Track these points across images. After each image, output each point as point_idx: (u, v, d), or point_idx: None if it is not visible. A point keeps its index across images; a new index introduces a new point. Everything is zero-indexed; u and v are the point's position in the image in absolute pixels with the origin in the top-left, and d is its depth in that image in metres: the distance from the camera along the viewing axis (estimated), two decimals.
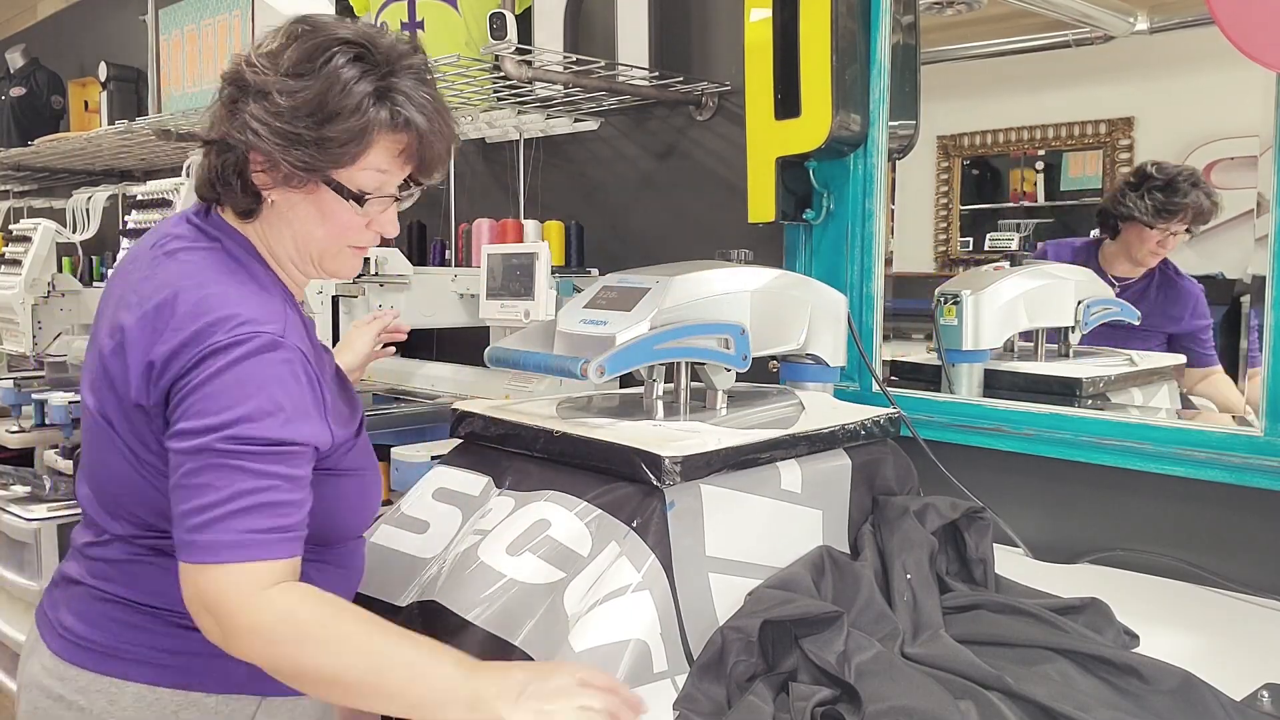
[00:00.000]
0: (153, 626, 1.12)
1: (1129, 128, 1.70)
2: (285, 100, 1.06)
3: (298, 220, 1.13)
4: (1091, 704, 1.08)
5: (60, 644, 1.15)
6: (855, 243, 1.83)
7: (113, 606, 1.13)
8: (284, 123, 1.06)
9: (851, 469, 1.41)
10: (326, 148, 1.07)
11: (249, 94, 1.09)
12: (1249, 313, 1.49)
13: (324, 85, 1.06)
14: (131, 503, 1.11)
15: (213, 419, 0.99)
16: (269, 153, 1.07)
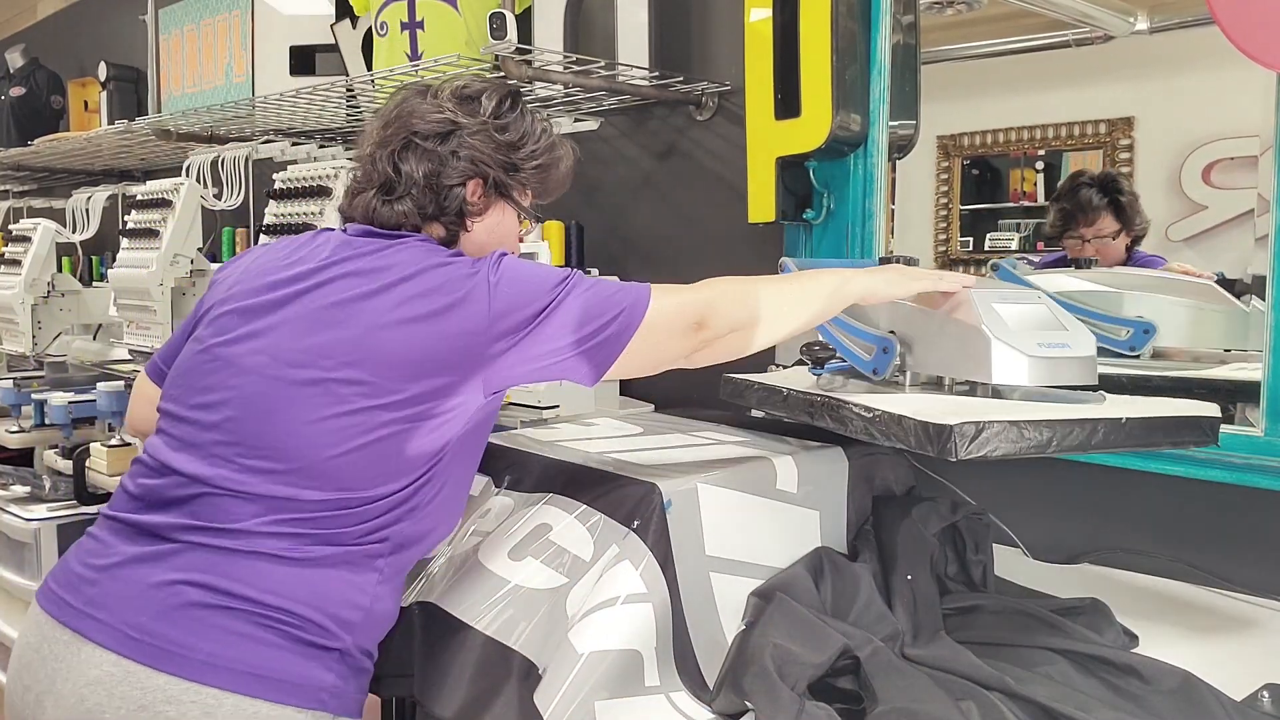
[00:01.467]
0: (257, 634, 1.10)
1: (1129, 128, 1.70)
2: (501, 134, 1.31)
3: (476, 241, 1.31)
4: (1092, 704, 1.08)
5: (137, 648, 1.09)
6: (855, 243, 1.83)
7: (217, 612, 1.10)
8: (500, 152, 1.31)
9: (849, 469, 1.42)
10: (531, 171, 1.34)
11: (462, 132, 1.29)
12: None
13: (533, 127, 1.36)
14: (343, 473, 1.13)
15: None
16: (490, 174, 1.31)
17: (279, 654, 1.10)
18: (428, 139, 1.28)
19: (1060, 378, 1.26)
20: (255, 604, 1.10)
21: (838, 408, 1.30)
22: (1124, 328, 1.58)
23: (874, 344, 1.39)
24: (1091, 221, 1.72)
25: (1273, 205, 1.39)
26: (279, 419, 1.15)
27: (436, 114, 1.29)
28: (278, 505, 1.13)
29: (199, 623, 1.09)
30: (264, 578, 1.11)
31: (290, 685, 1.10)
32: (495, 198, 1.33)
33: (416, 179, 1.27)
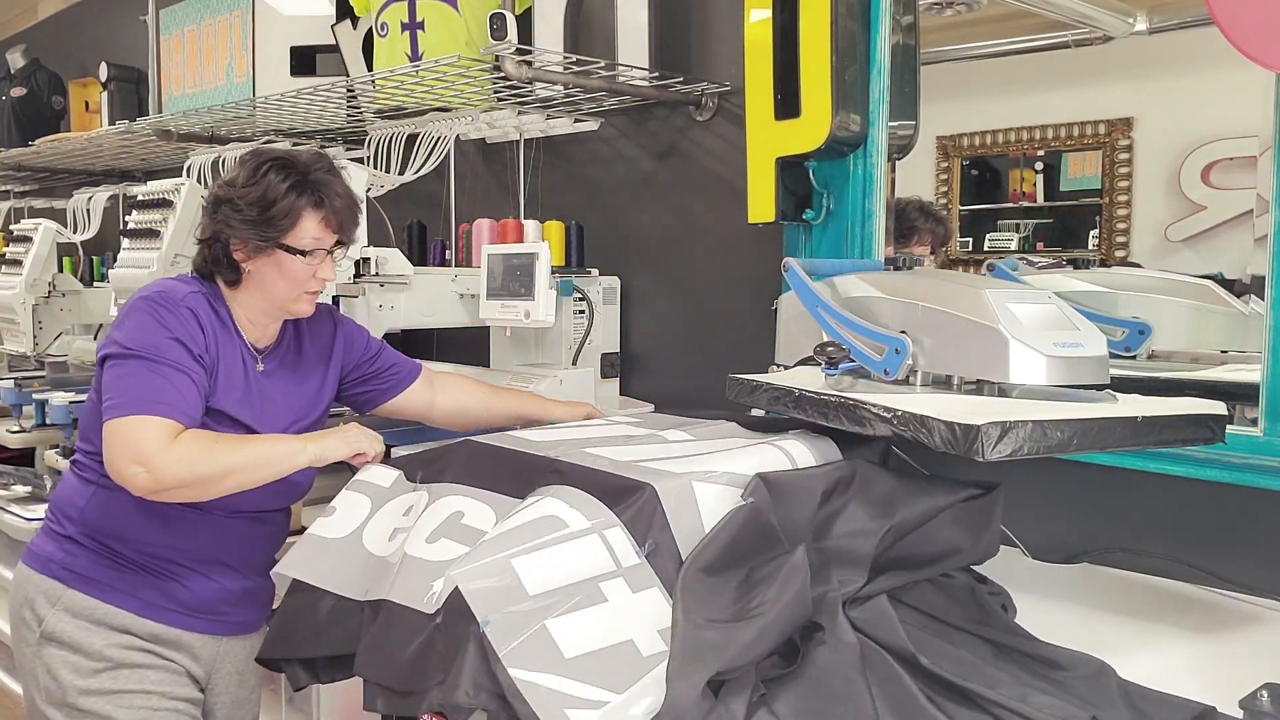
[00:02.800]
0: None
1: (1128, 128, 1.70)
2: (242, 202, 1.58)
3: (267, 280, 1.62)
4: (1003, 679, 1.12)
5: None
6: (855, 243, 1.83)
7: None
8: (243, 216, 1.58)
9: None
10: (273, 224, 1.58)
11: (221, 203, 1.60)
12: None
13: (263, 188, 1.58)
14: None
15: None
16: (242, 236, 1.59)
17: (41, 536, 1.68)
18: (210, 207, 1.63)
19: (1075, 377, 1.27)
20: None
21: (854, 408, 1.30)
22: (1119, 328, 1.59)
23: (886, 344, 1.39)
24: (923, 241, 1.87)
25: (1272, 205, 1.39)
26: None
27: (217, 188, 1.64)
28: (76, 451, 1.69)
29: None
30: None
31: (35, 555, 1.66)
32: (261, 251, 1.60)
33: (206, 239, 1.63)
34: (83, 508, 1.61)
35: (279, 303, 1.65)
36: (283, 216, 1.58)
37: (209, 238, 1.63)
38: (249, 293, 1.64)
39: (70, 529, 1.62)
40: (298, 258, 1.61)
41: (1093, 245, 1.76)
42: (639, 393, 2.32)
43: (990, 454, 1.13)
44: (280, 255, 1.60)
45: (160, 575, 1.62)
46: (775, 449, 1.37)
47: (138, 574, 1.61)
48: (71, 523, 1.62)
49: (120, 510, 1.58)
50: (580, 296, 2.18)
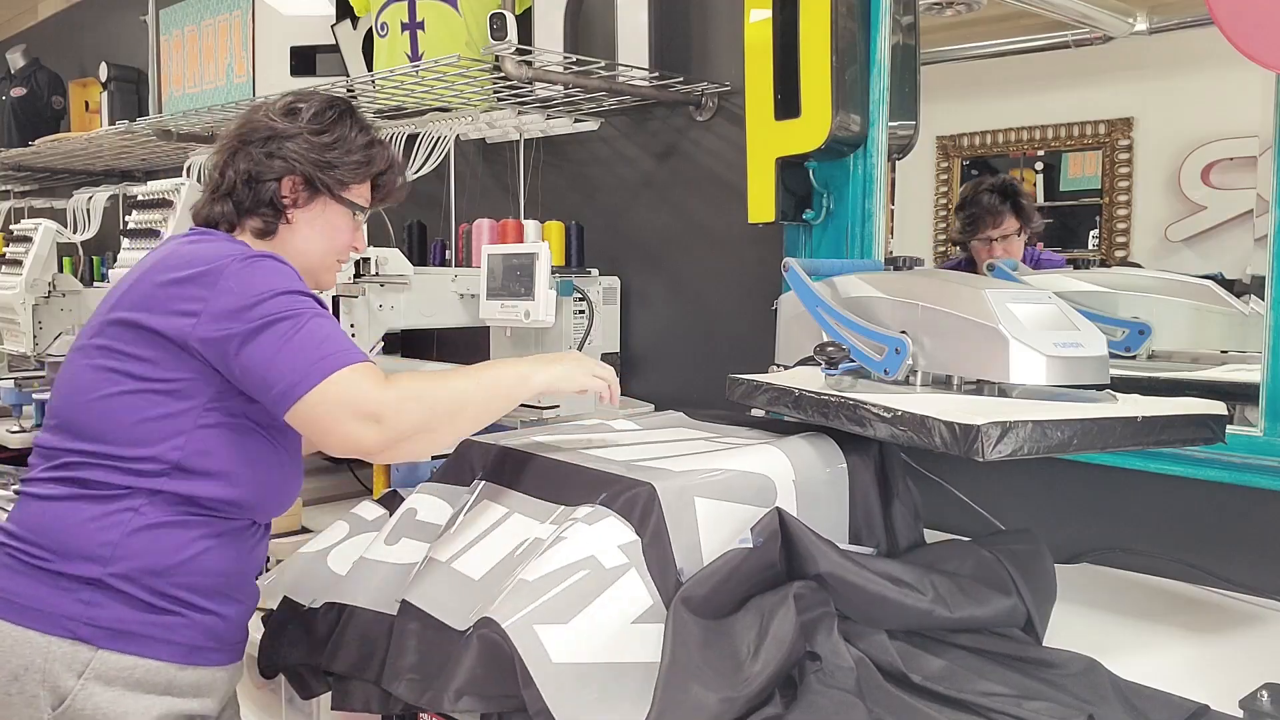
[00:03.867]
0: (14, 566, 1.29)
1: (1128, 128, 1.70)
2: (313, 138, 1.43)
3: (307, 236, 1.45)
4: (997, 686, 1.14)
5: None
6: (855, 243, 1.83)
7: (1, 550, 1.32)
8: (309, 153, 1.42)
9: (848, 466, 1.41)
10: (337, 171, 1.43)
11: (279, 138, 1.42)
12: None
13: (337, 133, 1.44)
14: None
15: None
16: (303, 172, 1.42)
17: (26, 581, 1.27)
18: (250, 144, 1.43)
19: (1076, 377, 1.27)
20: (19, 540, 1.30)
21: (855, 408, 1.30)
22: (1119, 328, 1.59)
23: (886, 344, 1.39)
24: (997, 224, 1.84)
25: (1272, 205, 1.39)
26: (60, 380, 1.38)
27: (262, 122, 1.44)
28: (46, 454, 1.36)
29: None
30: (25, 515, 1.32)
31: (31, 610, 1.26)
32: (314, 193, 1.44)
33: (238, 179, 1.42)
34: (116, 542, 1.26)
35: (310, 266, 1.47)
36: (353, 167, 1.45)
37: (249, 177, 1.42)
38: (279, 248, 1.44)
39: (92, 571, 1.26)
40: (348, 215, 1.47)
41: (1093, 245, 1.76)
42: (639, 393, 2.32)
43: (990, 454, 1.13)
44: (332, 208, 1.46)
45: (201, 610, 1.32)
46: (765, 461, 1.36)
47: (177, 614, 1.30)
48: (94, 563, 1.26)
49: (173, 538, 1.29)
50: (580, 296, 2.18)
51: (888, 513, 1.42)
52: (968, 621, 1.24)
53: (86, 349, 1.34)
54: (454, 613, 1.24)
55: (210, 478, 1.30)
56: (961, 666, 1.18)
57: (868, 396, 1.30)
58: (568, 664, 1.07)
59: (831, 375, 1.45)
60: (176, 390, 1.28)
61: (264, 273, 1.29)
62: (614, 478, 1.27)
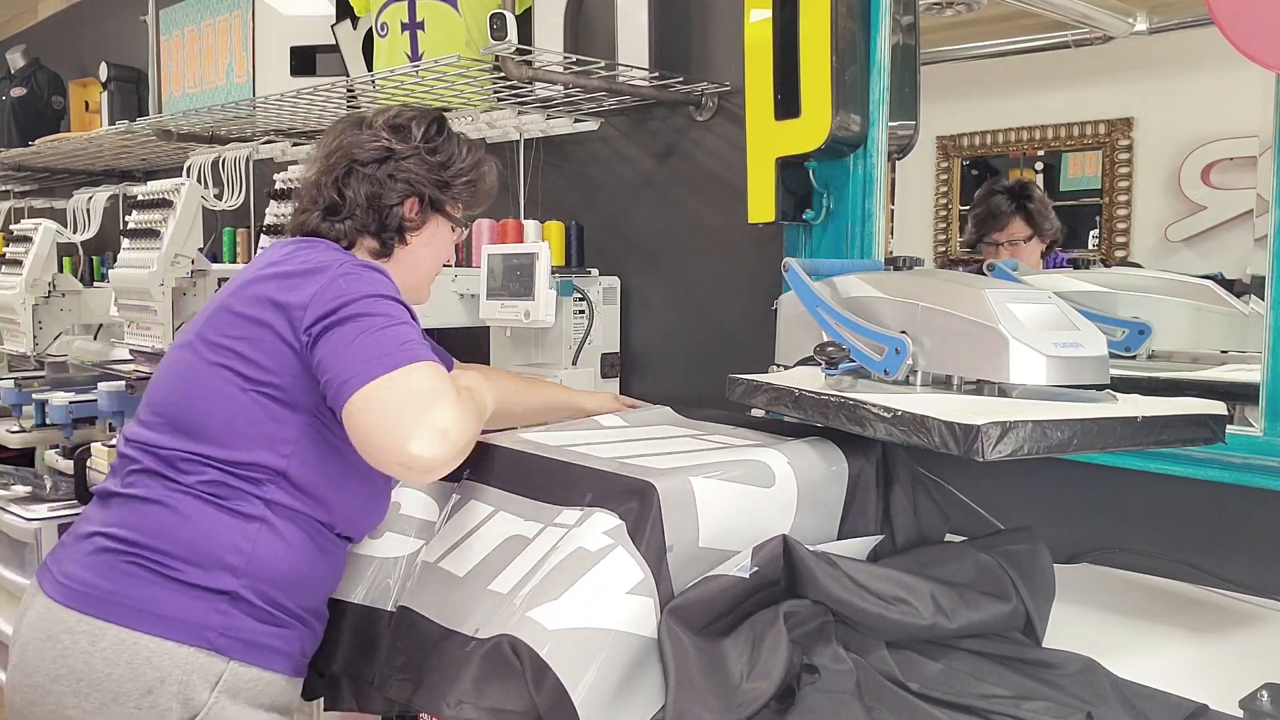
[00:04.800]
0: (137, 572, 1.25)
1: (1128, 128, 1.70)
2: (430, 157, 1.47)
3: (421, 254, 1.49)
4: (995, 687, 1.14)
5: (62, 591, 1.27)
6: (855, 243, 1.83)
7: (113, 554, 1.26)
8: (429, 173, 1.46)
9: (847, 466, 1.41)
10: (449, 189, 1.49)
11: (396, 157, 1.45)
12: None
13: (449, 152, 1.49)
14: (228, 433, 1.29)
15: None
16: (423, 193, 1.46)
17: (160, 591, 1.23)
18: (367, 165, 1.44)
19: (1076, 377, 1.27)
20: (141, 547, 1.25)
21: (855, 408, 1.30)
22: (1119, 328, 1.59)
23: (886, 344, 1.40)
24: (1004, 226, 1.81)
25: (1272, 205, 1.39)
26: (164, 377, 1.35)
27: (374, 143, 1.45)
28: (147, 451, 1.30)
29: (102, 565, 1.26)
30: (146, 521, 1.26)
31: (171, 620, 1.23)
32: (431, 213, 1.49)
33: (360, 201, 1.42)
34: (249, 554, 1.25)
35: (417, 283, 1.51)
36: (465, 186, 1.50)
37: (371, 199, 1.43)
38: (394, 267, 1.45)
39: (230, 582, 1.24)
40: (449, 230, 1.52)
41: (1093, 245, 1.76)
42: (639, 393, 2.32)
43: (990, 454, 1.13)
44: (442, 225, 1.50)
45: (307, 624, 1.33)
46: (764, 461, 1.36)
47: (294, 627, 1.31)
48: (232, 574, 1.24)
49: (294, 550, 1.29)
50: (580, 296, 2.18)
51: (887, 512, 1.42)
52: (968, 629, 1.24)
53: (194, 345, 1.33)
54: (439, 610, 1.25)
55: (310, 492, 1.30)
56: (959, 669, 1.18)
57: (868, 396, 1.30)
58: (565, 629, 1.08)
59: (831, 375, 1.45)
60: (283, 395, 1.27)
61: (369, 279, 1.29)
62: (599, 474, 1.28)
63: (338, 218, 1.43)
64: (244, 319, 1.30)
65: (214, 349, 1.30)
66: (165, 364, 1.37)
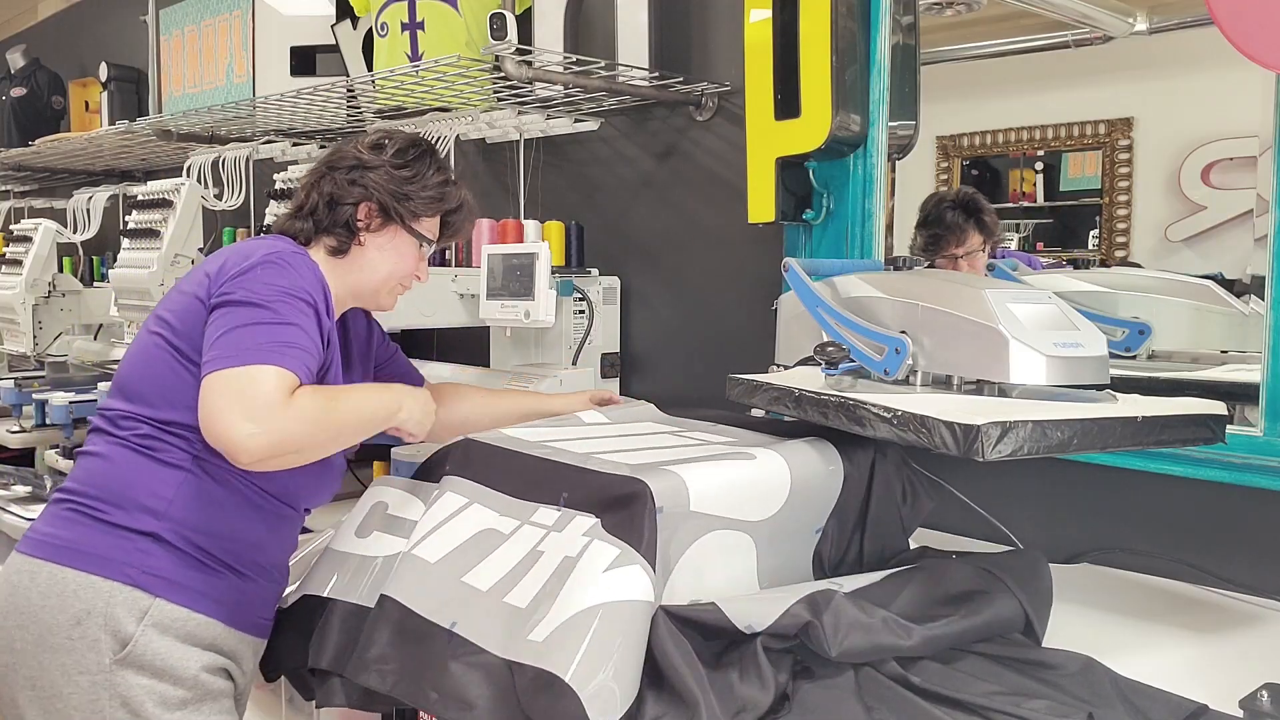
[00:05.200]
0: (70, 515, 1.37)
1: (1128, 128, 1.70)
2: (394, 172, 1.54)
3: (376, 259, 1.55)
4: (995, 687, 1.13)
5: (24, 543, 1.40)
6: (855, 243, 1.83)
7: (60, 504, 1.40)
8: (389, 185, 1.54)
9: (843, 466, 1.41)
10: (411, 203, 1.55)
11: (363, 168, 1.54)
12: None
13: (416, 170, 1.56)
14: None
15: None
16: (380, 200, 1.53)
17: (88, 532, 1.35)
18: (337, 170, 1.55)
19: (1075, 377, 1.27)
20: (79, 494, 1.38)
21: (854, 408, 1.30)
22: (1119, 328, 1.59)
23: (886, 344, 1.40)
24: (961, 240, 1.83)
25: (1272, 205, 1.39)
26: (126, 355, 1.48)
27: (348, 155, 1.57)
28: (107, 418, 1.43)
29: (53, 514, 1.40)
30: (84, 472, 1.41)
31: (95, 557, 1.34)
32: (386, 220, 1.55)
33: (320, 201, 1.54)
34: (170, 498, 1.35)
35: (373, 287, 1.58)
36: (426, 201, 1.57)
37: (330, 200, 1.54)
38: (348, 267, 1.55)
39: (149, 524, 1.34)
40: (415, 245, 1.58)
41: (1093, 245, 1.76)
42: (639, 393, 2.32)
43: (990, 454, 1.13)
44: (401, 236, 1.57)
45: (243, 576, 1.41)
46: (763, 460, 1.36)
47: (223, 576, 1.39)
48: (152, 516, 1.35)
49: (218, 500, 1.38)
50: (580, 296, 2.18)
51: (863, 524, 1.43)
52: (968, 633, 1.25)
53: (148, 323, 1.46)
54: (412, 596, 1.27)
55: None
56: (960, 669, 1.18)
57: (868, 396, 1.30)
58: (556, 625, 1.11)
59: (831, 375, 1.45)
60: (199, 359, 1.34)
61: (290, 274, 1.38)
62: (574, 471, 1.30)
63: (299, 216, 1.55)
64: (181, 293, 1.43)
65: (156, 320, 1.43)
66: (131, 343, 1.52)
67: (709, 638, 1.17)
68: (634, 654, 1.10)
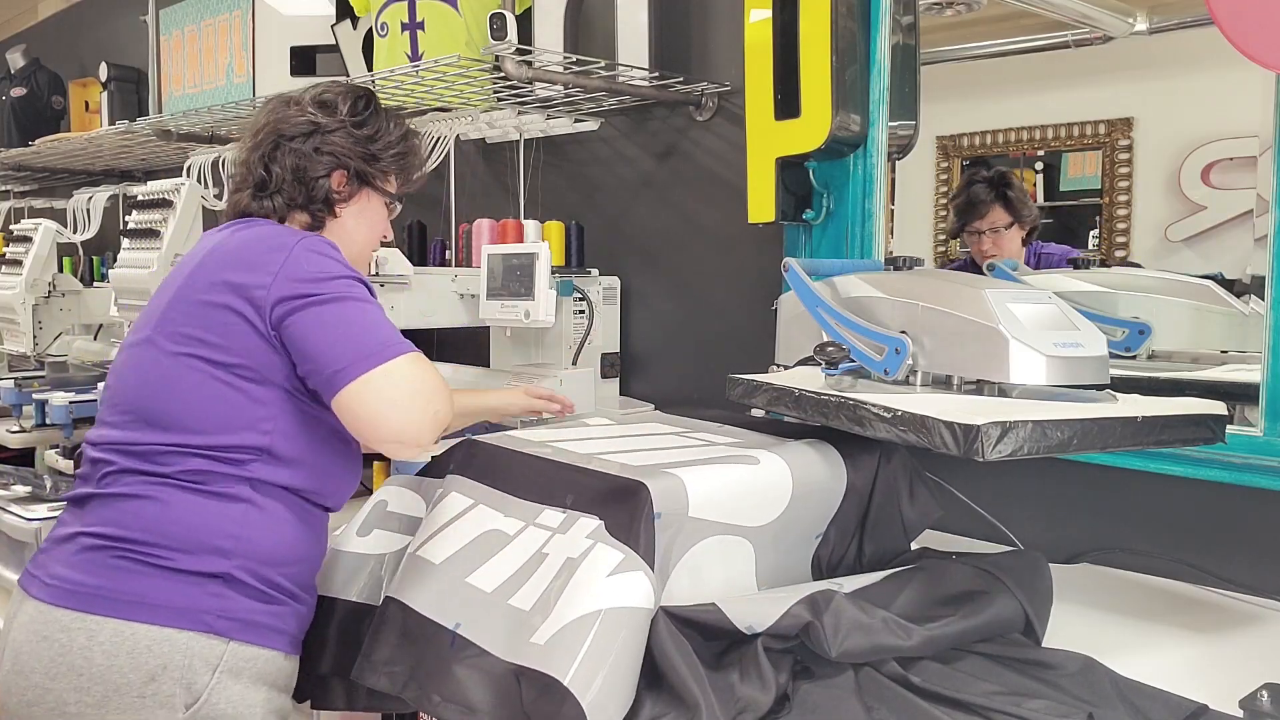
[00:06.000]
0: (128, 565, 1.25)
1: (1128, 128, 1.70)
2: (356, 130, 1.46)
3: (350, 229, 1.48)
4: (995, 687, 1.13)
5: (50, 592, 1.27)
6: (855, 243, 1.83)
7: (100, 551, 1.27)
8: (355, 146, 1.46)
9: (845, 467, 1.41)
10: (378, 162, 1.48)
11: (323, 131, 1.45)
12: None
13: (375, 126, 1.49)
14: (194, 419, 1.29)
15: None
16: (351, 166, 1.45)
17: (154, 581, 1.25)
18: (294, 139, 1.44)
19: (1076, 377, 1.27)
20: (130, 542, 1.26)
21: (855, 408, 1.30)
22: (1119, 328, 1.59)
23: (886, 344, 1.40)
24: (985, 214, 1.83)
25: (1272, 205, 1.39)
26: (125, 376, 1.36)
27: (300, 118, 1.45)
28: (123, 450, 1.30)
29: (90, 563, 1.26)
30: (130, 516, 1.27)
31: (167, 608, 1.24)
32: (359, 186, 1.48)
33: (286, 175, 1.43)
34: (237, 534, 1.27)
35: (355, 256, 1.49)
36: (393, 159, 1.50)
37: (297, 172, 1.44)
38: (329, 235, 1.47)
39: (219, 565, 1.26)
40: (383, 205, 1.52)
41: (1093, 245, 1.76)
42: (639, 393, 2.32)
43: (990, 454, 1.13)
44: (373, 199, 1.50)
45: (299, 599, 1.34)
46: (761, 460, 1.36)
47: (286, 604, 1.32)
48: (221, 556, 1.26)
49: (279, 521, 1.31)
50: (580, 296, 2.18)
51: (863, 528, 1.43)
52: (968, 633, 1.25)
53: (154, 340, 1.33)
54: (416, 597, 1.27)
55: (295, 464, 1.32)
56: (960, 669, 1.18)
57: (868, 396, 1.30)
58: (558, 628, 1.11)
59: (831, 375, 1.45)
60: (254, 375, 1.29)
61: (329, 255, 1.33)
62: (579, 472, 1.30)
63: (265, 193, 1.44)
64: (202, 305, 1.31)
65: (176, 340, 1.31)
66: (122, 364, 1.37)
67: (709, 638, 1.17)
68: (633, 659, 1.10)
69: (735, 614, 1.16)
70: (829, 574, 1.39)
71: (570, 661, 1.08)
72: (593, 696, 1.05)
